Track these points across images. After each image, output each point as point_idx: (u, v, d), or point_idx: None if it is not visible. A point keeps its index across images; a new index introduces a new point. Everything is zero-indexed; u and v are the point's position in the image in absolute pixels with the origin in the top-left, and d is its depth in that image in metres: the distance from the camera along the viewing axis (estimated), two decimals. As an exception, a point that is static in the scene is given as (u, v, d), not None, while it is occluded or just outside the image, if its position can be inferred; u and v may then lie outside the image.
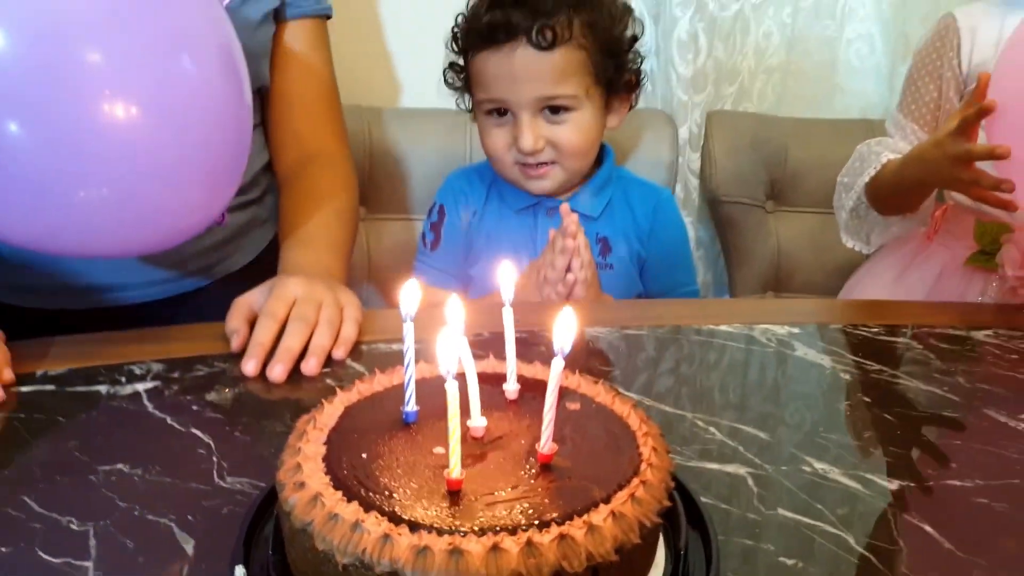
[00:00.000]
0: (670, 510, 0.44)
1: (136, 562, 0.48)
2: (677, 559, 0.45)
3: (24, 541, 0.49)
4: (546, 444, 0.43)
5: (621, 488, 0.41)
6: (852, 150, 1.16)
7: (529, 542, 0.37)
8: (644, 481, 0.42)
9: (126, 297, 0.95)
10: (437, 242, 1.16)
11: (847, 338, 0.85)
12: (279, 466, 0.44)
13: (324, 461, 0.43)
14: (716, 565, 0.45)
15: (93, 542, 0.49)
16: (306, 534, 0.39)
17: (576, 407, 0.49)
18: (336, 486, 0.41)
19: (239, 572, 0.44)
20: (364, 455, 0.44)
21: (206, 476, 0.56)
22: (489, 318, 0.63)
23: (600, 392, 0.51)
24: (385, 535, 0.37)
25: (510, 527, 0.38)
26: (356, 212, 1.04)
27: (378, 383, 0.52)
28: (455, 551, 0.36)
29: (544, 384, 0.43)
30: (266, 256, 1.06)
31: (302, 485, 0.41)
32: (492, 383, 0.50)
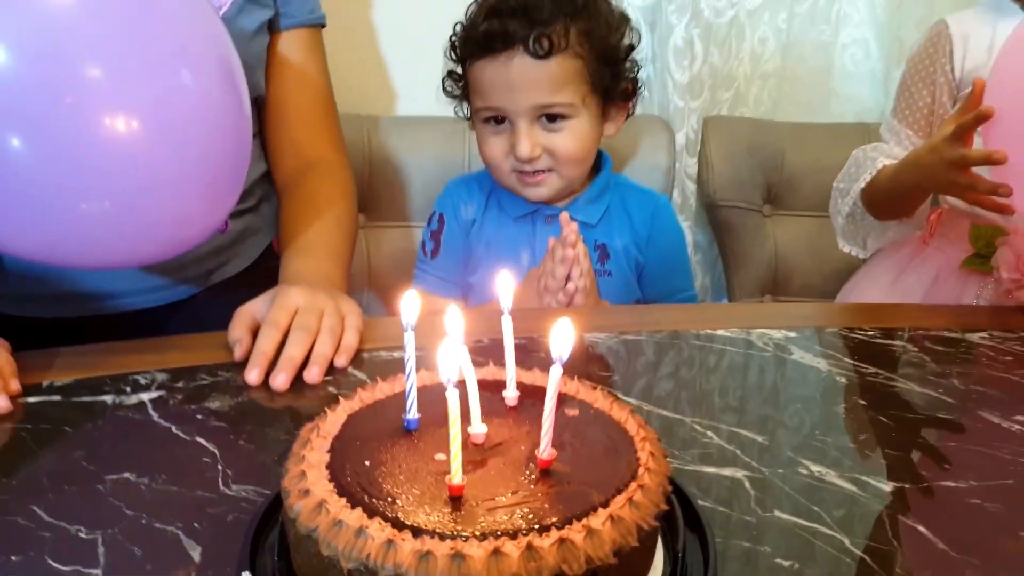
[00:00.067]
0: (668, 513, 0.45)
1: (144, 569, 0.48)
2: (675, 561, 0.46)
3: (34, 550, 0.50)
4: (545, 450, 0.44)
5: (619, 492, 0.42)
6: (848, 154, 1.17)
7: (529, 546, 0.38)
8: (642, 485, 0.43)
9: (124, 304, 0.95)
10: (437, 250, 1.16)
11: (843, 342, 0.85)
12: (284, 474, 0.44)
13: (328, 468, 0.44)
14: (714, 567, 0.46)
15: (101, 550, 0.50)
16: (311, 540, 0.40)
17: (575, 413, 0.50)
18: (340, 493, 0.42)
19: (245, 578, 0.44)
20: (367, 462, 0.45)
21: (211, 484, 0.57)
22: (489, 325, 0.64)
23: (598, 398, 0.52)
24: (389, 540, 0.38)
25: (511, 531, 0.39)
26: (355, 219, 1.05)
27: (380, 391, 0.52)
28: (457, 555, 0.37)
29: (543, 391, 0.44)
30: (262, 262, 1.07)
31: (307, 492, 0.42)
32: (492, 390, 0.51)
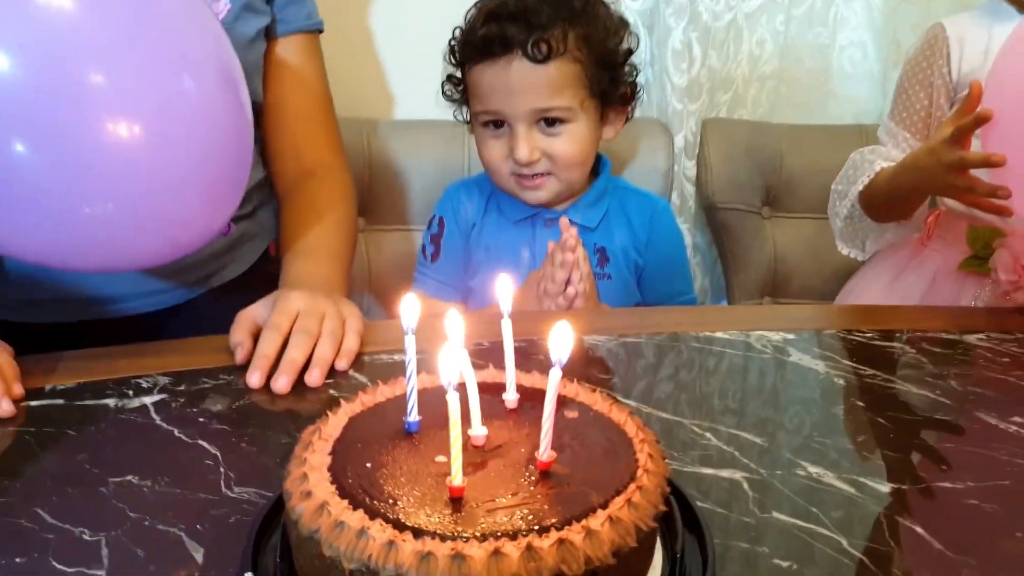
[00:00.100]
0: (667, 514, 0.46)
1: (147, 570, 0.49)
2: (674, 562, 0.46)
3: (38, 551, 0.50)
4: (545, 452, 0.44)
5: (618, 494, 0.42)
6: (846, 155, 1.17)
7: (529, 547, 0.38)
8: (640, 487, 0.43)
9: (121, 309, 0.96)
10: (437, 254, 1.17)
11: (841, 344, 0.86)
12: (286, 476, 0.45)
13: (330, 471, 0.44)
14: (712, 568, 0.47)
15: (105, 551, 0.50)
16: (313, 541, 0.40)
17: (574, 415, 0.50)
18: (342, 495, 0.42)
19: (248, 579, 0.45)
20: (368, 464, 0.45)
21: (213, 486, 0.57)
22: (489, 328, 0.64)
23: (598, 400, 0.52)
24: (390, 541, 0.38)
25: (511, 532, 0.39)
26: (355, 223, 1.05)
27: (381, 394, 0.53)
28: (457, 556, 0.37)
29: (543, 393, 0.44)
30: (259, 267, 1.08)
31: (309, 494, 0.42)
32: (492, 393, 0.51)
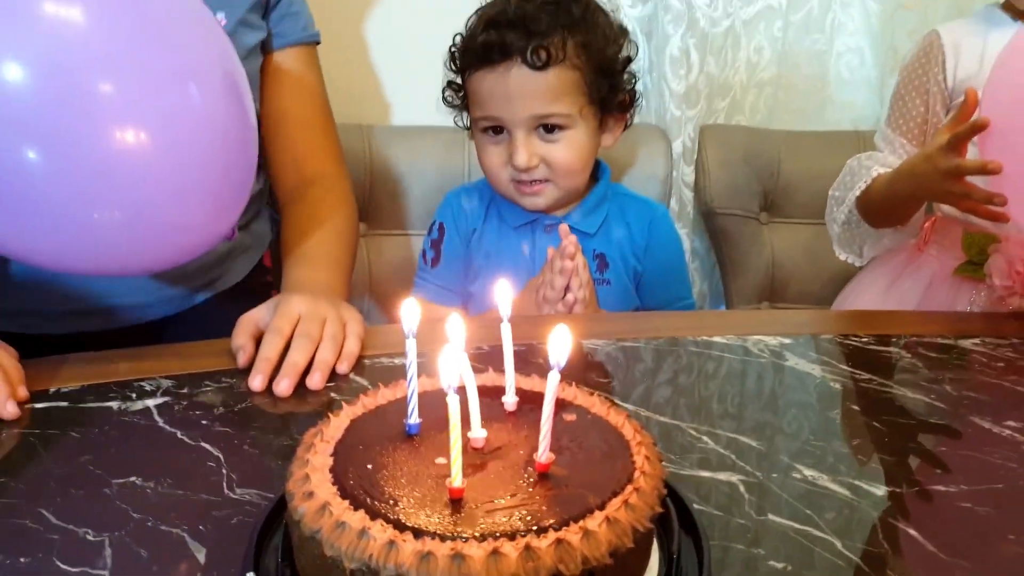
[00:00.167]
0: (663, 516, 0.46)
1: (150, 570, 0.49)
2: (670, 563, 0.47)
3: (42, 551, 0.51)
4: (543, 454, 0.45)
5: (615, 495, 0.43)
6: (844, 161, 1.17)
7: (527, 547, 0.39)
8: (637, 488, 0.44)
9: (118, 320, 0.97)
10: (437, 259, 1.17)
11: (838, 348, 0.86)
12: (288, 477, 0.45)
13: (331, 472, 0.45)
14: (708, 569, 0.47)
15: (109, 551, 0.51)
16: (315, 541, 0.41)
17: (572, 418, 0.51)
18: (343, 495, 0.43)
19: (250, 579, 0.45)
20: (369, 466, 0.46)
21: (216, 488, 0.58)
22: (488, 332, 0.65)
23: (595, 403, 0.53)
24: (390, 541, 0.39)
25: (509, 533, 0.40)
26: (356, 231, 1.06)
27: (382, 397, 0.53)
28: (457, 556, 0.38)
29: (541, 396, 0.44)
30: (252, 277, 1.10)
31: (311, 495, 0.43)
32: (492, 396, 0.51)
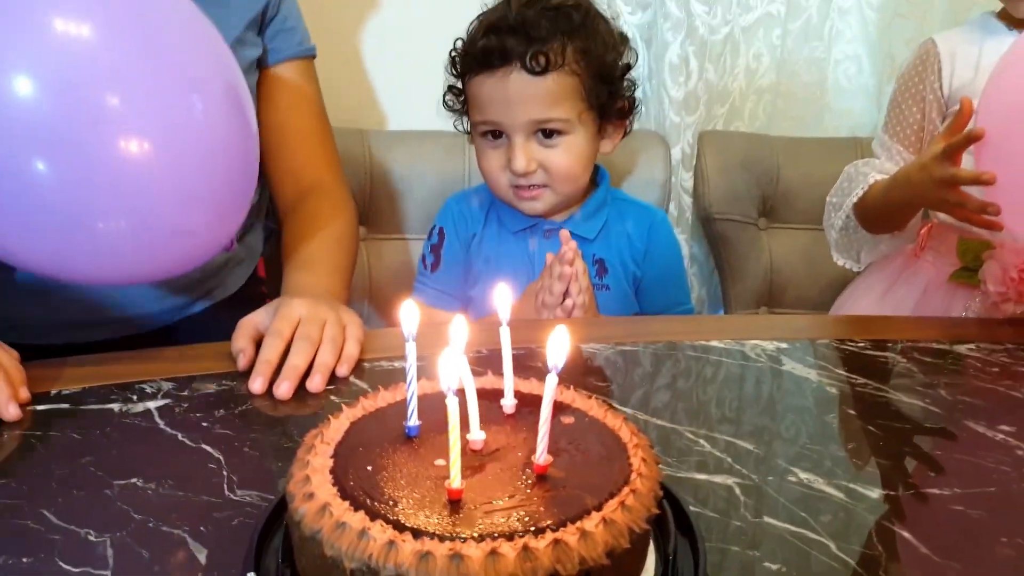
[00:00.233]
0: (660, 517, 0.47)
1: (152, 571, 0.50)
2: (667, 564, 0.47)
3: (44, 552, 0.51)
4: (541, 456, 0.45)
5: (612, 497, 0.43)
6: (842, 167, 1.18)
7: (525, 547, 0.39)
8: (634, 490, 0.44)
9: (112, 331, 0.98)
10: (437, 264, 1.18)
11: (835, 353, 0.87)
12: (289, 478, 0.46)
13: (332, 473, 0.45)
14: (704, 570, 0.48)
15: (110, 552, 0.51)
16: (315, 542, 0.41)
17: (570, 421, 0.52)
18: (343, 496, 0.43)
19: (251, 579, 0.46)
20: (369, 467, 0.46)
21: (217, 489, 0.58)
22: (488, 336, 0.65)
23: (593, 406, 0.53)
24: (390, 541, 0.39)
25: (507, 533, 0.40)
26: (355, 237, 1.07)
27: (382, 399, 0.54)
28: (456, 556, 0.39)
29: (540, 399, 0.45)
30: (246, 289, 1.11)
31: (311, 496, 0.43)
32: (490, 398, 0.52)
